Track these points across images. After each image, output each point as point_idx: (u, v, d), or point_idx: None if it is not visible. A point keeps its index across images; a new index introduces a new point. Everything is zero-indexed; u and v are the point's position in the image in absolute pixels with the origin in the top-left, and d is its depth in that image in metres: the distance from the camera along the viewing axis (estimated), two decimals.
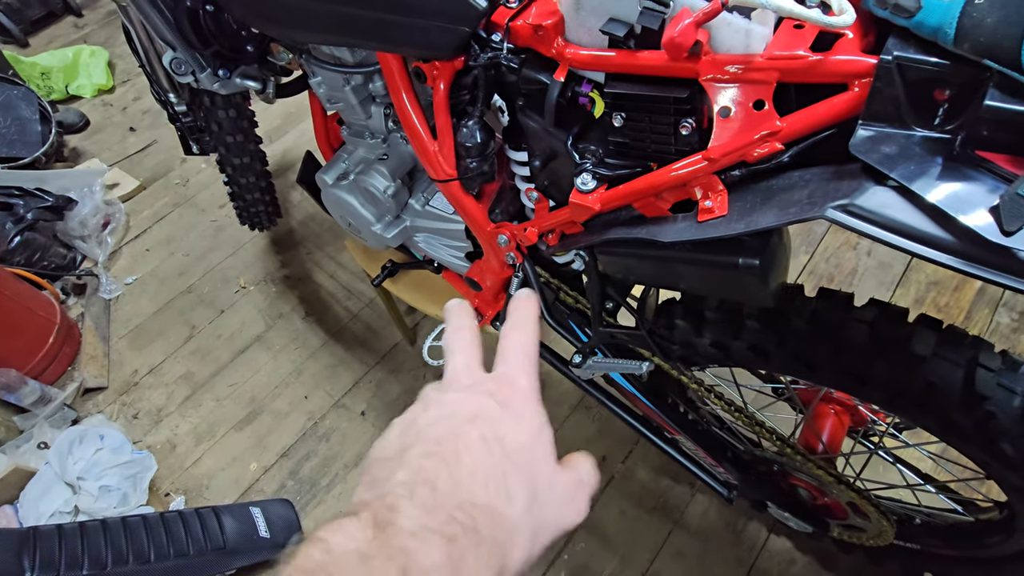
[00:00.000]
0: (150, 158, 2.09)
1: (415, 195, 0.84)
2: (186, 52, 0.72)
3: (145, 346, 1.61)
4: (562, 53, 0.51)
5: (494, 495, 0.25)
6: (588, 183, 0.54)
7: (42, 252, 1.66)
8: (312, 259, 1.75)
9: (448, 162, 0.66)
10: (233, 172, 1.18)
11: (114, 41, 2.58)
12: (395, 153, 0.79)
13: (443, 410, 0.29)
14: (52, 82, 2.24)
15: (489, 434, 0.28)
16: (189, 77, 0.74)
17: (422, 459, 0.26)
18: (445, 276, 0.98)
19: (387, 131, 0.82)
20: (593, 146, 0.55)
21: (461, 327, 0.34)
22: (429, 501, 0.24)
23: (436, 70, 0.61)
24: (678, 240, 0.47)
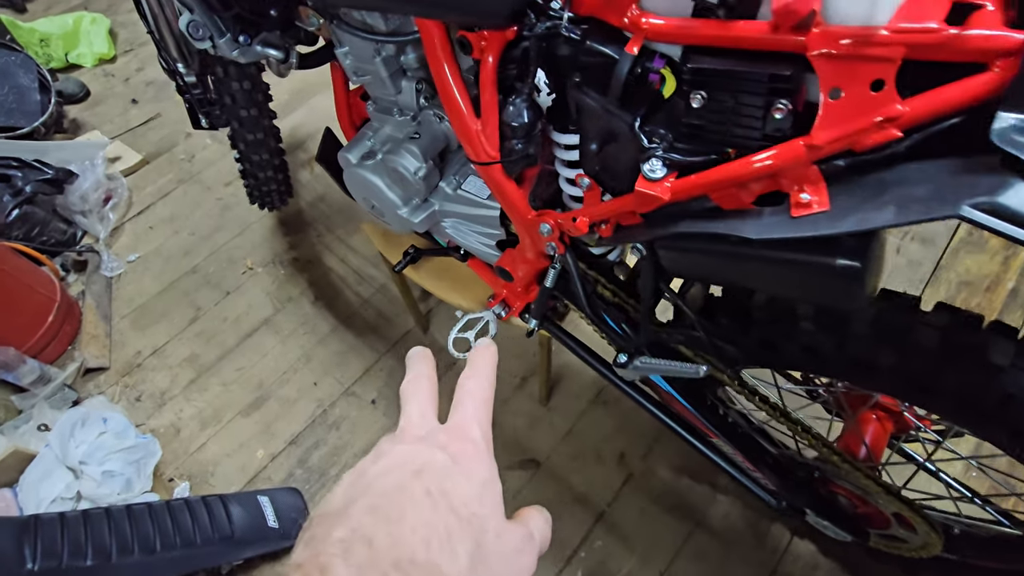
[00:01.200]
0: (153, 132, 2.02)
1: (446, 177, 0.79)
2: (205, 15, 0.66)
3: (148, 327, 1.56)
4: (637, 23, 0.45)
5: (436, 552, 0.25)
6: (657, 170, 0.48)
7: (41, 227, 1.60)
8: (322, 241, 1.70)
9: (491, 143, 0.61)
10: (246, 148, 1.13)
11: (116, 8, 2.49)
12: (427, 131, 0.73)
13: (392, 461, 0.29)
14: (51, 50, 2.16)
15: (435, 488, 0.27)
16: (207, 43, 0.68)
17: (363, 515, 0.26)
18: (471, 264, 0.93)
19: (418, 107, 0.76)
20: (663, 129, 0.49)
21: (419, 375, 0.35)
22: (364, 559, 0.24)
23: (484, 40, 0.55)
24: (768, 238, 0.42)
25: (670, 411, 0.78)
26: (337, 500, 0.27)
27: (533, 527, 0.31)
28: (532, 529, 0.31)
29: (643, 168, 0.49)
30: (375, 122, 0.84)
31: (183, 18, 0.66)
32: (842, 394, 0.85)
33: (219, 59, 0.99)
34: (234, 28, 0.69)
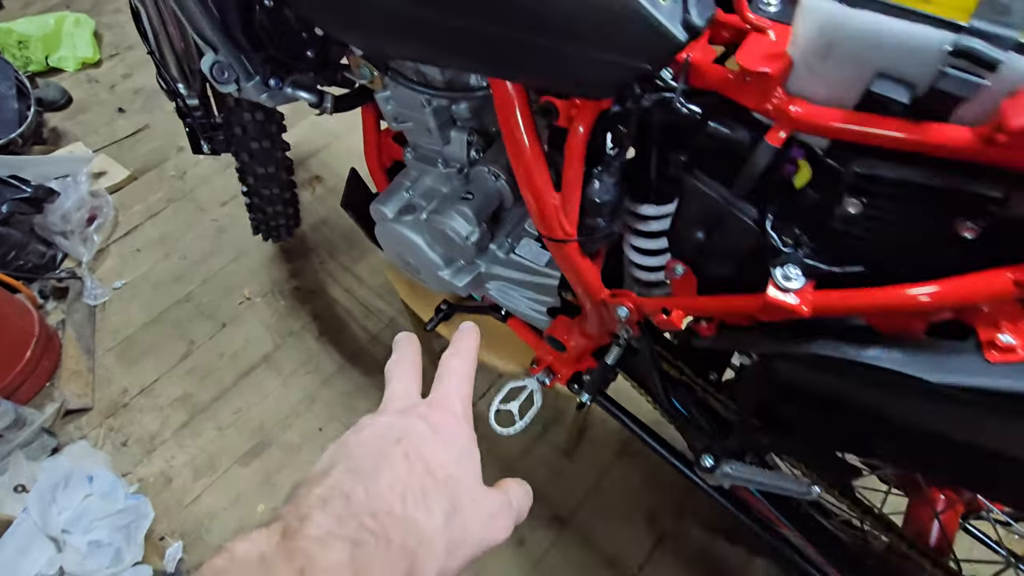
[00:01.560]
0: (142, 145, 1.89)
1: (498, 239, 0.70)
2: (232, 55, 0.57)
3: (136, 362, 1.44)
4: (783, 110, 0.38)
5: (411, 508, 0.27)
6: (794, 278, 0.41)
7: (18, 250, 1.47)
8: (325, 269, 1.60)
9: (570, 219, 0.53)
10: (255, 182, 1.03)
11: (101, 8, 2.35)
12: (480, 190, 0.65)
13: (374, 431, 0.30)
14: (30, 52, 2.02)
15: (413, 453, 0.29)
16: (232, 85, 0.59)
17: (342, 474, 0.27)
18: (511, 324, 0.84)
19: (469, 161, 0.68)
20: (797, 228, 0.42)
21: (404, 356, 0.37)
22: (341, 511, 0.25)
23: (576, 109, 0.47)
24: (957, 385, 0.34)
25: (738, 501, 0.71)
26: (318, 467, 0.29)
27: (512, 496, 0.32)
28: (511, 497, 0.32)
29: (774, 273, 0.42)
30: (413, 170, 0.75)
31: (206, 59, 0.57)
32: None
33: None
34: (264, 71, 0.60)
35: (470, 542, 0.29)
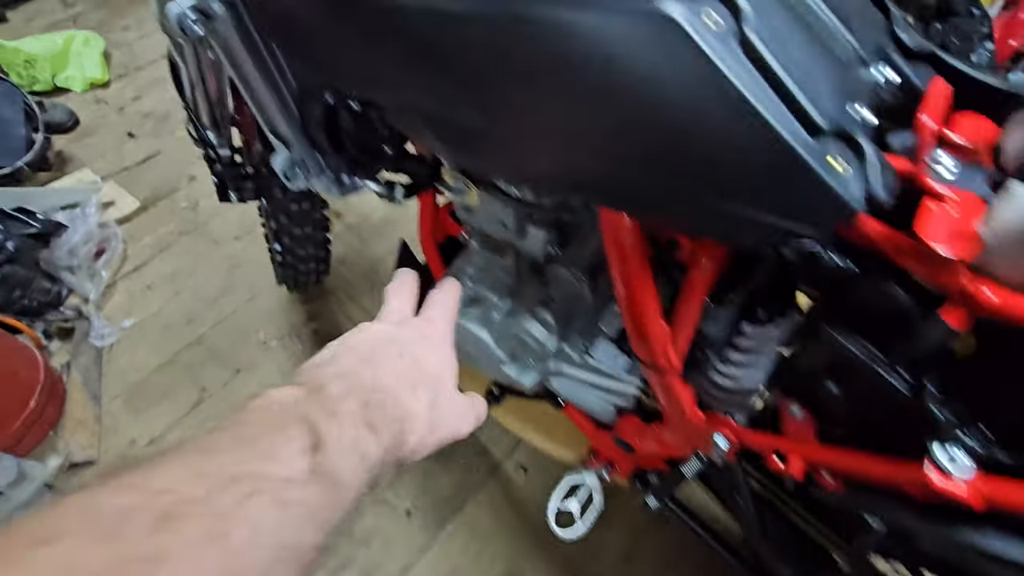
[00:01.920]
0: (152, 172, 1.83)
1: (570, 339, 0.66)
2: (306, 153, 0.52)
3: (145, 410, 1.37)
4: (974, 295, 0.34)
5: (403, 390, 0.34)
6: (960, 462, 0.37)
7: (23, 288, 1.40)
8: (344, 311, 1.54)
9: (678, 351, 0.49)
10: (291, 242, 0.97)
11: (110, 26, 2.29)
12: (561, 294, 0.61)
13: (371, 334, 0.38)
14: (36, 71, 1.95)
15: (406, 352, 0.36)
16: (302, 182, 0.55)
17: (349, 359, 0.34)
18: (568, 412, 0.80)
19: (545, 258, 0.64)
20: (959, 404, 0.38)
21: (403, 283, 0.44)
22: (352, 383, 0.32)
23: (705, 248, 0.43)
24: None
25: None
26: (325, 356, 0.35)
27: (475, 403, 0.40)
28: (475, 403, 0.40)
29: (934, 452, 0.38)
30: (477, 257, 0.71)
31: (279, 158, 0.52)
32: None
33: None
34: (338, 168, 0.55)
35: (445, 428, 0.36)
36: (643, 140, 0.35)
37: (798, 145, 0.32)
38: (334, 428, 0.28)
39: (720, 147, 0.33)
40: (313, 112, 0.48)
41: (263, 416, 0.28)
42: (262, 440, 0.26)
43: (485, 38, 0.34)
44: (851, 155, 0.34)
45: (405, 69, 0.37)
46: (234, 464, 0.25)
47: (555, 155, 0.38)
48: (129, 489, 0.22)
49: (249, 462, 0.25)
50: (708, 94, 0.31)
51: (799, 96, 0.32)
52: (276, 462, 0.26)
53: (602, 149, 0.36)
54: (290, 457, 0.26)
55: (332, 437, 0.28)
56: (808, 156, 0.32)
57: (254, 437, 0.27)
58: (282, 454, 0.26)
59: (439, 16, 0.34)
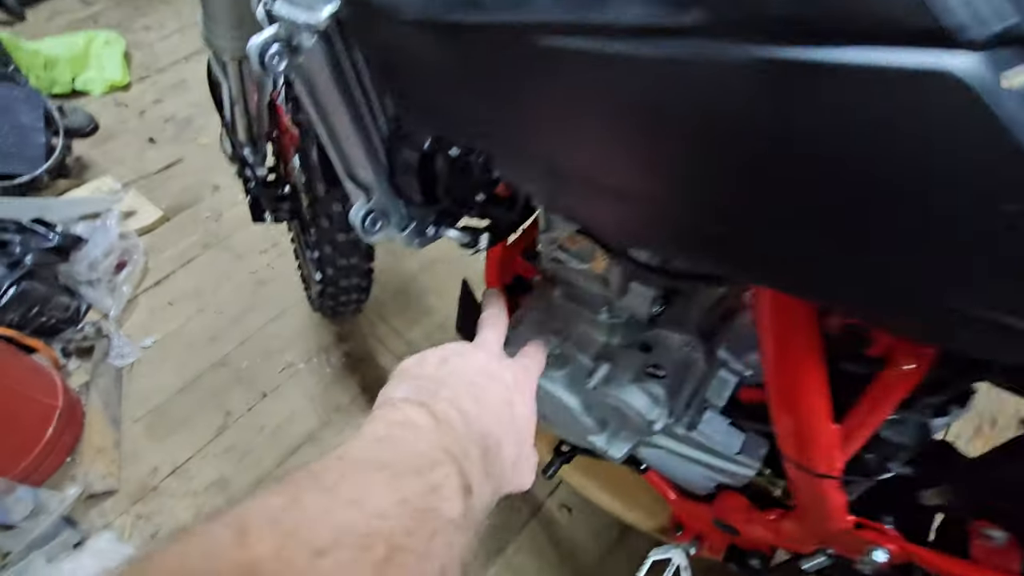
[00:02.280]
0: (174, 181, 1.76)
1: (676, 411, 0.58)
2: (390, 202, 0.44)
3: (167, 436, 1.30)
4: None
5: (505, 442, 0.34)
6: None
7: (41, 305, 1.33)
8: (375, 334, 1.46)
9: (844, 455, 0.40)
10: (334, 272, 0.90)
11: (130, 25, 2.22)
12: (670, 362, 0.52)
13: (477, 365, 0.38)
14: (56, 74, 1.88)
15: (507, 397, 0.37)
16: (380, 235, 0.47)
17: (459, 389, 0.34)
18: (650, 479, 0.72)
19: (648, 318, 0.55)
20: None
21: (497, 313, 0.47)
22: (470, 425, 0.33)
23: (907, 346, 0.34)
24: None
25: None
26: (429, 369, 0.37)
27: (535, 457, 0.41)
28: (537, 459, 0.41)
29: None
30: (561, 311, 0.62)
31: (358, 209, 0.44)
32: None
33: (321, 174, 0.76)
34: (425, 220, 0.47)
35: (513, 483, 0.35)
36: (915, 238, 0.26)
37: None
38: (475, 473, 0.29)
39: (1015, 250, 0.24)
40: (406, 158, 0.40)
41: (411, 437, 0.29)
42: (426, 472, 0.27)
43: (689, 88, 0.25)
44: None
45: (559, 129, 0.29)
46: (417, 496, 0.25)
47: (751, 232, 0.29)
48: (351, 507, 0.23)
49: (425, 495, 0.26)
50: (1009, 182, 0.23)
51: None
52: (445, 501, 0.26)
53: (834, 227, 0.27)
54: (452, 496, 0.27)
55: (476, 483, 0.29)
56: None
57: (418, 466, 0.27)
58: (446, 492, 0.27)
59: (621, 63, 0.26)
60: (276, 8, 0.34)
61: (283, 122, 1.01)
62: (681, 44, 0.25)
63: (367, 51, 0.33)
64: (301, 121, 0.76)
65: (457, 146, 0.38)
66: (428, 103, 0.33)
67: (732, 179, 0.27)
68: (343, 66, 0.36)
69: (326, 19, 0.32)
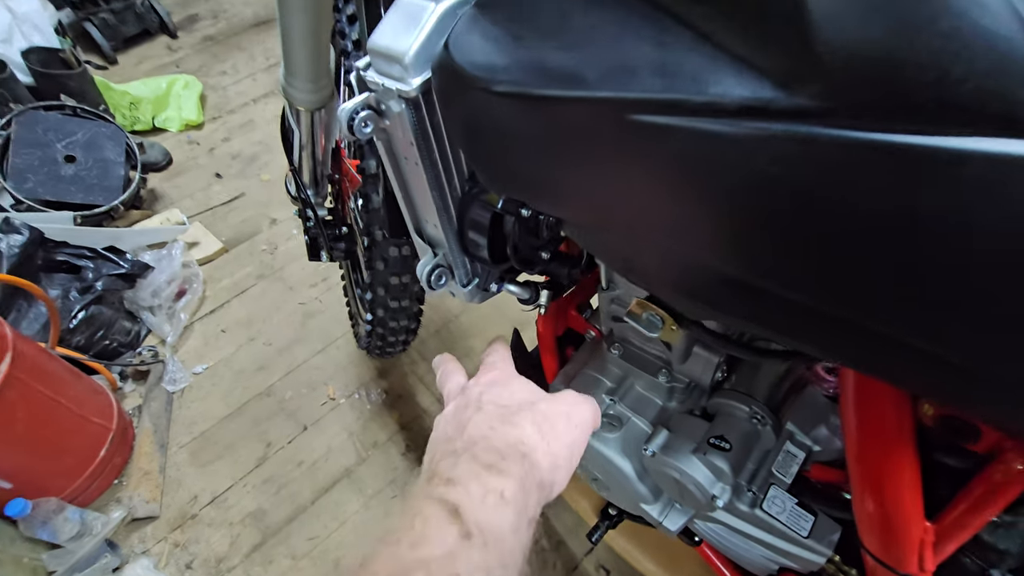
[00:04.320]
0: (235, 214, 1.85)
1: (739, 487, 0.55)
2: (457, 260, 0.45)
3: (210, 463, 1.32)
4: None
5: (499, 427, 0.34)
6: None
7: (106, 329, 1.40)
8: (415, 372, 1.47)
9: (938, 557, 0.37)
10: (384, 314, 0.91)
11: (208, 70, 2.40)
12: (736, 435, 0.50)
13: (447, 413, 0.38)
14: (139, 112, 2.04)
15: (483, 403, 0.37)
16: (444, 289, 0.47)
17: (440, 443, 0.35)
18: (703, 553, 0.67)
19: (711, 387, 0.53)
20: None
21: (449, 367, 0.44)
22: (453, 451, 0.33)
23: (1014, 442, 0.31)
24: None
25: None
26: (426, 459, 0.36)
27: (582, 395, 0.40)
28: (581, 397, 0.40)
29: None
30: (614, 367, 0.61)
31: (424, 264, 0.45)
32: None
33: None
34: (488, 277, 0.48)
35: (564, 432, 0.36)
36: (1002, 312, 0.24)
37: None
38: (459, 490, 0.29)
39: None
40: (477, 218, 0.40)
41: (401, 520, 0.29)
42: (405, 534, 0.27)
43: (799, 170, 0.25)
44: None
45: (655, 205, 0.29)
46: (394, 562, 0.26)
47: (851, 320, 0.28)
48: None
49: (405, 556, 0.26)
50: None
51: None
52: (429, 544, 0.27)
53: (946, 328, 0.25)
54: (438, 534, 0.27)
55: (463, 498, 0.29)
56: None
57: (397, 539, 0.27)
58: (430, 534, 0.27)
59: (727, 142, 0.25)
60: (369, 76, 0.35)
61: (345, 166, 1.05)
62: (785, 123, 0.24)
63: (452, 118, 0.34)
64: (365, 168, 0.79)
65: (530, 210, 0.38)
66: (509, 169, 0.34)
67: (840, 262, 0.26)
68: (425, 130, 0.37)
69: (417, 88, 0.34)
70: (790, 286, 0.27)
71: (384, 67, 0.34)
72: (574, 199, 0.32)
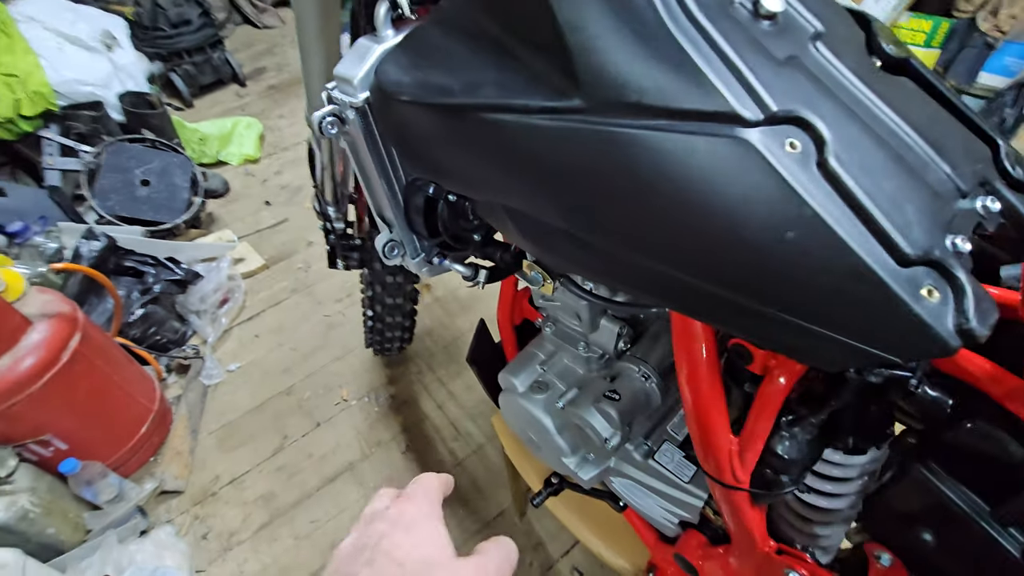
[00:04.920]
0: (279, 236, 2.08)
1: (634, 438, 0.64)
2: (405, 236, 0.59)
3: (233, 449, 1.48)
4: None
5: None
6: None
7: (158, 326, 1.61)
8: (421, 381, 1.60)
9: (745, 467, 0.46)
10: (381, 310, 1.05)
11: (269, 113, 2.72)
12: (627, 390, 0.60)
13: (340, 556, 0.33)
14: (206, 147, 2.34)
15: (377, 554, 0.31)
16: (397, 260, 0.61)
17: None
18: (628, 516, 0.75)
19: (616, 353, 0.64)
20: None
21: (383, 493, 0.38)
22: None
23: (776, 361, 0.41)
24: None
25: None
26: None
27: (489, 558, 0.33)
28: (488, 560, 0.33)
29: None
30: (548, 343, 0.72)
31: (381, 238, 0.59)
32: None
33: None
34: (431, 251, 0.61)
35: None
36: (722, 257, 0.35)
37: (883, 272, 0.31)
38: None
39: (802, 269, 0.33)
40: (415, 201, 0.54)
41: None
42: None
43: (576, 153, 0.37)
44: (945, 286, 0.33)
45: (499, 175, 0.42)
46: None
47: (630, 261, 0.40)
48: None
49: None
50: (789, 217, 0.32)
51: (885, 223, 0.31)
52: None
53: (677, 260, 0.37)
54: None
55: None
56: (893, 283, 0.31)
57: None
58: None
59: (535, 131, 0.38)
60: (335, 93, 0.51)
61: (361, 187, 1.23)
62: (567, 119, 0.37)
63: (381, 120, 0.49)
64: None
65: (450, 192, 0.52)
66: (417, 155, 0.48)
67: (619, 218, 0.38)
68: (375, 134, 0.52)
69: (363, 100, 0.49)
70: (583, 229, 0.39)
71: (343, 87, 0.49)
72: (457, 177, 0.46)
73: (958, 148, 0.35)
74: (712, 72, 0.32)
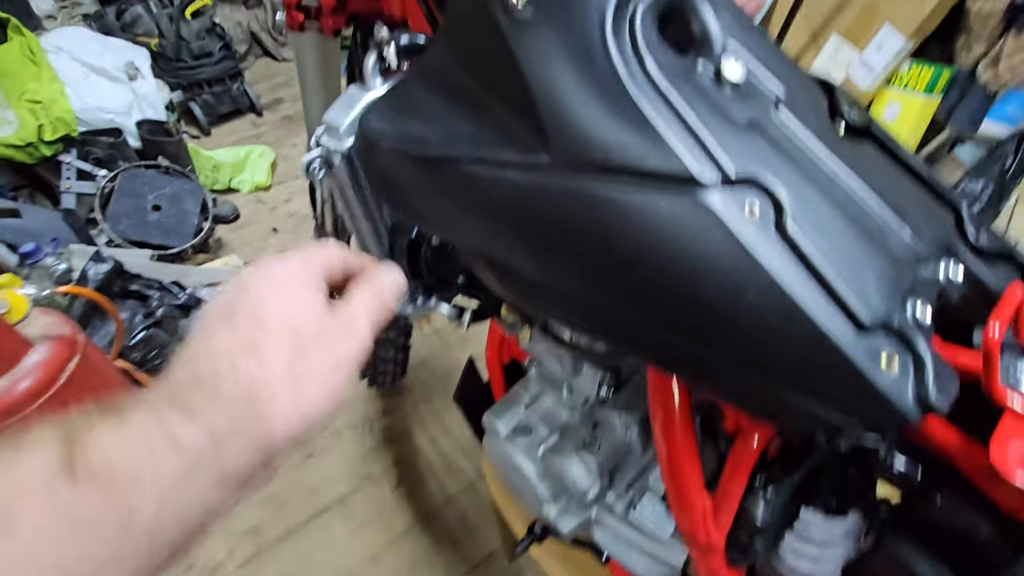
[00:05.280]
0: None
1: (616, 488, 0.63)
2: None
3: None
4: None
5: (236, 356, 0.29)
6: None
7: (159, 351, 1.62)
8: (416, 413, 1.58)
9: (719, 528, 0.45)
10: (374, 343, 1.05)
11: (282, 142, 2.79)
12: (608, 439, 0.59)
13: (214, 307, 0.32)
14: (219, 174, 2.40)
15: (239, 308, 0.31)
16: None
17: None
18: (612, 570, 0.73)
19: (597, 399, 0.63)
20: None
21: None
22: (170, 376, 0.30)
23: (749, 420, 0.41)
24: None
25: None
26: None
27: (355, 309, 0.34)
28: (356, 312, 0.34)
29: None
30: (534, 385, 0.72)
31: None
32: None
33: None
34: (416, 291, 0.62)
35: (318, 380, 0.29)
36: (682, 312, 0.35)
37: (839, 338, 0.31)
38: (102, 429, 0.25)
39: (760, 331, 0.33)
40: (400, 243, 0.55)
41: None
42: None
43: (546, 207, 0.38)
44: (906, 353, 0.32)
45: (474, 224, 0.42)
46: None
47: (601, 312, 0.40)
48: None
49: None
50: (745, 280, 0.32)
51: (842, 288, 0.31)
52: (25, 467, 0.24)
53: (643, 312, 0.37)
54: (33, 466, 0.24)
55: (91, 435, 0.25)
56: (851, 350, 0.31)
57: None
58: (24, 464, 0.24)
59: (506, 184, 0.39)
60: (323, 139, 0.52)
61: None
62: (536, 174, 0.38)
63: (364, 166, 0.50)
64: None
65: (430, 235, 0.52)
66: (403, 205, 0.49)
67: (586, 270, 0.38)
68: (359, 178, 0.53)
69: (348, 146, 0.50)
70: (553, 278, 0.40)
71: (331, 133, 0.51)
72: (435, 223, 0.46)
73: (919, 213, 0.35)
74: (671, 133, 0.32)
